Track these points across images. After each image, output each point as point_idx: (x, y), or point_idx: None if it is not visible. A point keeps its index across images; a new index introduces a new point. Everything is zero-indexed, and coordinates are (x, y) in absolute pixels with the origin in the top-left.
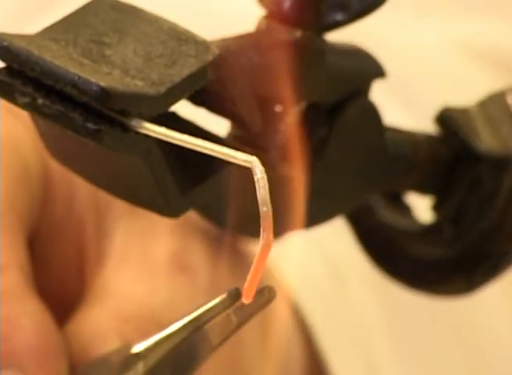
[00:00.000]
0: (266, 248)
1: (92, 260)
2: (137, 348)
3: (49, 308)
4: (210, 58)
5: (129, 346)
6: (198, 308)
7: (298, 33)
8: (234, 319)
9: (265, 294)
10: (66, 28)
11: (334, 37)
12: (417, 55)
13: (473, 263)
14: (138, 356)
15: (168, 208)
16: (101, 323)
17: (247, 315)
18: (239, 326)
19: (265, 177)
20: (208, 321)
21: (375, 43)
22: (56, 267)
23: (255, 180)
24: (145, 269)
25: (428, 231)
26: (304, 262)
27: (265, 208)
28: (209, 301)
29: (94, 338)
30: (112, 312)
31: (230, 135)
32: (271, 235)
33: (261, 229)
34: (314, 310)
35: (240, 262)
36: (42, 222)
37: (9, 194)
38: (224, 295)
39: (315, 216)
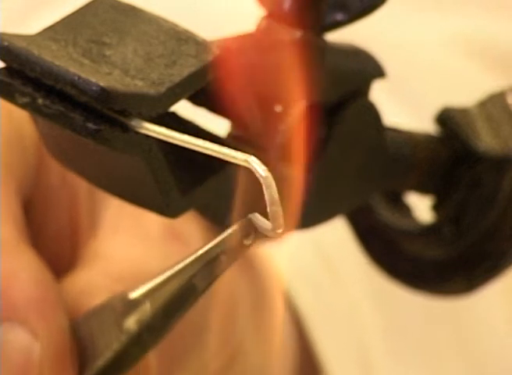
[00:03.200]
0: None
1: (85, 228)
2: (141, 291)
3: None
4: (210, 58)
5: (128, 292)
6: (208, 242)
7: (298, 33)
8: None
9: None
10: (66, 28)
11: (334, 37)
12: (417, 54)
13: (473, 263)
14: (144, 298)
15: (168, 208)
16: (93, 281)
17: (230, 260)
18: (221, 271)
19: (270, 176)
20: (219, 255)
21: (374, 42)
22: (49, 236)
23: (261, 181)
24: (138, 236)
25: (428, 231)
26: (297, 252)
27: (275, 207)
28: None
29: (85, 295)
30: (103, 272)
31: (230, 135)
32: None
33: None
34: (306, 301)
35: None
36: (36, 190)
37: (6, 158)
38: (235, 227)
39: (315, 216)
